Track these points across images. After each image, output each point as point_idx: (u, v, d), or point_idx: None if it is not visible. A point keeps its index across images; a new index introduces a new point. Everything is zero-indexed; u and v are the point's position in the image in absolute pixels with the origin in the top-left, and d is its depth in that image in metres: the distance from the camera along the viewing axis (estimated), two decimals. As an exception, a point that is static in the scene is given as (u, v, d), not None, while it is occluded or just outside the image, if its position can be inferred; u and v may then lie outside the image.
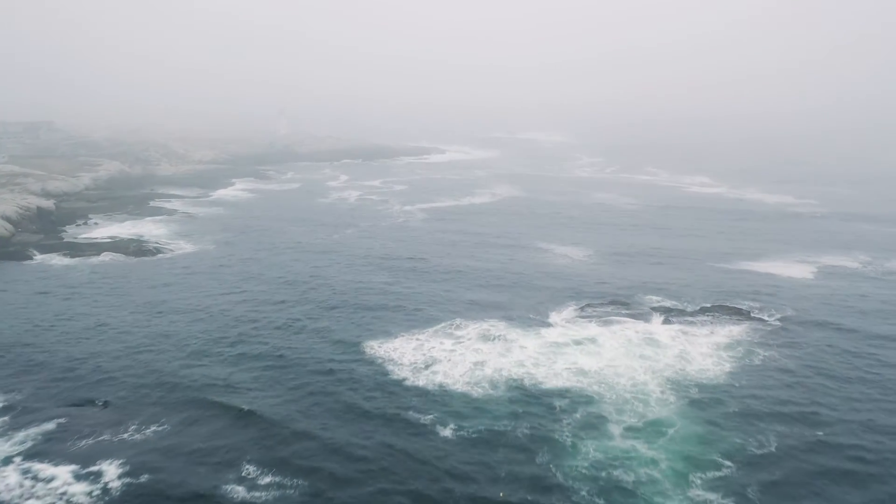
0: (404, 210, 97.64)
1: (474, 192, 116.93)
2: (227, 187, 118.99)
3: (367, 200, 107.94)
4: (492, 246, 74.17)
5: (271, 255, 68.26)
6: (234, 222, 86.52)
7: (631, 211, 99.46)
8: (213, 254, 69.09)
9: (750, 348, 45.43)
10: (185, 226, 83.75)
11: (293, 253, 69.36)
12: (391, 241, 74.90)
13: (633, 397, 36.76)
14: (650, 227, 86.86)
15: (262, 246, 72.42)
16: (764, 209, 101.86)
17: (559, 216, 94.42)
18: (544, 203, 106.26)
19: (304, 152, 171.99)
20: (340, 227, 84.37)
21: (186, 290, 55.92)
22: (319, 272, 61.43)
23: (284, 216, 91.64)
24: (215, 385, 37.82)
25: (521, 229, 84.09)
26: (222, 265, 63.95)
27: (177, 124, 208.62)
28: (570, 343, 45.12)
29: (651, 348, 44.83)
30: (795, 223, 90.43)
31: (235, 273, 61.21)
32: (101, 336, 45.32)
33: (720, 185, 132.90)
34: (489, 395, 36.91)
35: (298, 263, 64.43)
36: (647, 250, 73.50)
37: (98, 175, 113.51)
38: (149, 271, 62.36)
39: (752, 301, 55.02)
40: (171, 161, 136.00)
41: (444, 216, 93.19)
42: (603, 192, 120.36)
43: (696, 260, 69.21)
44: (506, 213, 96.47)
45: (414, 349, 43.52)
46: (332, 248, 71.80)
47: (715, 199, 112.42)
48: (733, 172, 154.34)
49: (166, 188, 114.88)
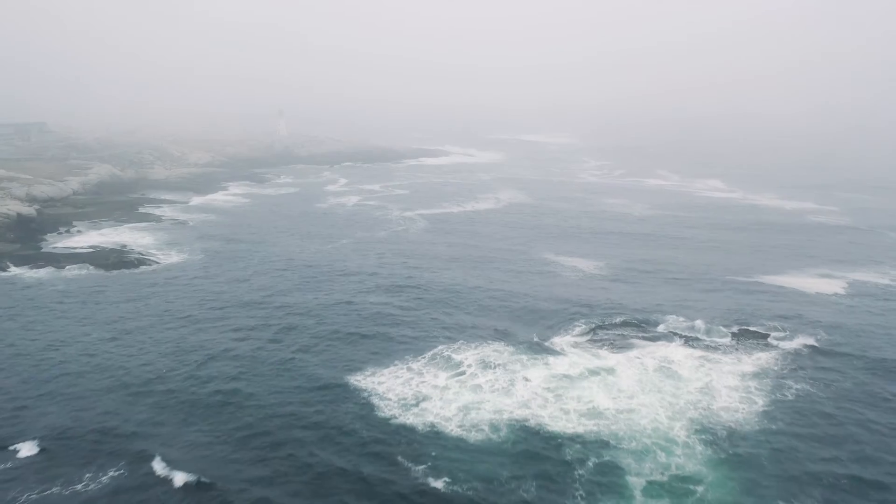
0: (404, 217, 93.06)
1: (477, 198, 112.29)
2: (221, 192, 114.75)
3: (365, 206, 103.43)
4: (495, 258, 69.56)
5: (258, 269, 63.81)
6: (225, 230, 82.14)
7: (642, 218, 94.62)
8: (196, 266, 64.70)
9: (780, 380, 40.73)
10: (173, 234, 79.44)
11: (282, 265, 64.88)
12: (388, 254, 70.32)
13: (655, 444, 32.07)
14: (663, 236, 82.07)
15: (249, 257, 68.01)
16: (783, 217, 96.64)
17: (566, 224, 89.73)
18: (550, 210, 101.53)
19: (304, 155, 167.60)
20: (335, 236, 79.86)
21: (160, 308, 51.52)
22: (307, 289, 56.90)
23: (277, 224, 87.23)
24: (157, 435, 32.84)
25: (526, 239, 79.42)
26: (204, 279, 59.51)
27: (174, 126, 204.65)
28: (581, 374, 40.43)
29: (672, 381, 40.15)
30: (818, 233, 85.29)
31: (216, 289, 56.75)
32: (44, 363, 41.06)
33: (734, 190, 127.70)
34: (488, 442, 32.28)
35: (285, 279, 59.92)
36: (661, 262, 68.78)
37: (87, 179, 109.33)
38: (125, 286, 57.98)
39: (778, 322, 50.22)
40: (165, 164, 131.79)
41: (446, 224, 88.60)
42: (611, 197, 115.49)
43: (713, 273, 64.43)
44: (510, 220, 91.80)
45: (405, 382, 38.90)
46: (323, 260, 67.27)
47: (730, 206, 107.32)
48: (746, 176, 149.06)
49: (158, 193, 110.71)
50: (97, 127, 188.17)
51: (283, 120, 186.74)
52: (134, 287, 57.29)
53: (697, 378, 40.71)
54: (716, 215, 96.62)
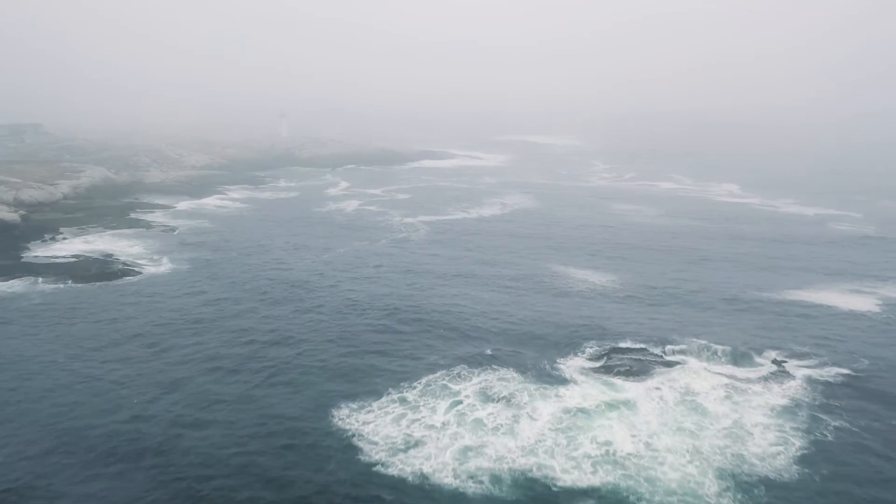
0: (405, 223, 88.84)
1: (483, 203, 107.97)
2: (217, 196, 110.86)
3: (365, 211, 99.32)
4: (500, 271, 65.23)
5: (247, 280, 59.81)
6: (216, 238, 78.19)
7: (655, 227, 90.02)
8: (180, 278, 60.72)
9: (815, 414, 36.44)
10: (162, 242, 75.55)
11: (271, 278, 60.82)
12: (385, 265, 66.13)
13: (682, 501, 27.77)
14: (680, 245, 77.54)
15: (237, 269, 63.98)
16: (804, 225, 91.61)
17: (576, 233, 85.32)
18: (559, 216, 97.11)
19: (305, 157, 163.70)
20: (332, 244, 75.76)
21: (135, 327, 47.56)
22: (296, 306, 52.78)
23: (272, 231, 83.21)
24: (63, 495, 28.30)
25: (533, 249, 75.03)
26: (185, 295, 55.46)
27: (175, 126, 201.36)
28: (594, 409, 36.16)
29: (696, 416, 35.85)
30: (844, 242, 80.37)
31: (197, 306, 52.69)
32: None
33: (751, 194, 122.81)
34: (488, 496, 28.07)
35: (273, 295, 55.80)
36: (679, 276, 64.34)
37: (79, 182, 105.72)
38: (103, 301, 54.05)
39: (809, 347, 45.86)
40: (161, 167, 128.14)
41: (449, 232, 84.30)
42: (623, 202, 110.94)
43: (735, 289, 59.94)
44: (517, 228, 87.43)
45: (395, 419, 34.71)
46: (317, 273, 63.16)
47: (748, 212, 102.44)
48: (763, 179, 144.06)
49: (152, 197, 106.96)
50: (97, 128, 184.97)
51: (284, 121, 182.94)
52: (110, 304, 53.29)
53: (724, 413, 36.42)
54: (734, 224, 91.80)
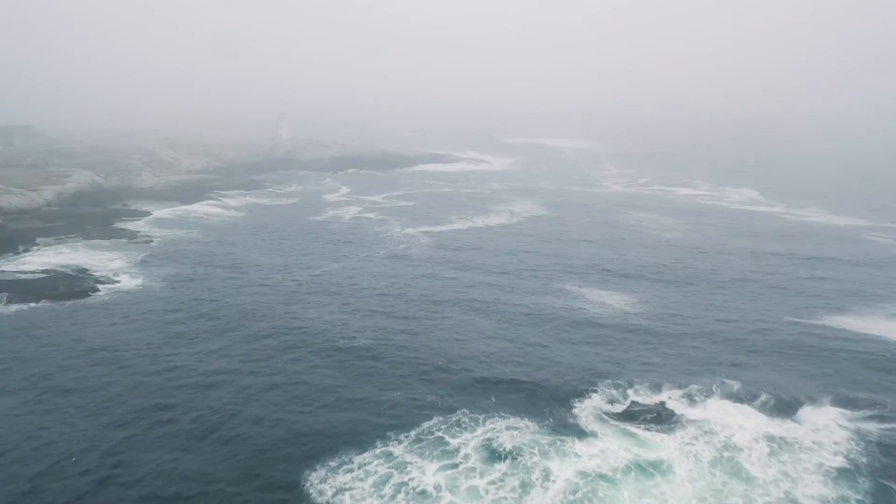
0: (405, 234, 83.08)
1: (489, 211, 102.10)
2: (210, 202, 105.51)
3: (364, 220, 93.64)
4: (509, 292, 59.28)
5: (224, 304, 54.20)
6: (202, 249, 72.77)
7: (675, 239, 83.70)
8: (157, 296, 55.23)
9: (879, 481, 30.60)
10: (144, 253, 70.18)
11: (252, 297, 55.25)
12: (380, 287, 60.11)
13: None
14: (703, 263, 71.26)
15: (219, 288, 58.44)
16: (838, 239, 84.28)
17: (589, 246, 79.30)
18: (571, 227, 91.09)
19: (307, 160, 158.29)
20: (325, 258, 70.12)
21: (96, 355, 42.09)
22: (276, 333, 47.10)
23: (263, 241, 77.67)
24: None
25: (544, 264, 69.06)
26: (155, 318, 49.88)
27: (173, 127, 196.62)
28: (620, 472, 30.40)
29: (739, 483, 30.10)
30: (886, 259, 73.39)
31: (170, 330, 47.20)
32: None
33: (774, 201, 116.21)
34: None
35: (252, 319, 50.13)
36: (705, 298, 58.27)
37: (64, 188, 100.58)
38: (66, 323, 48.66)
39: (860, 386, 39.99)
40: (154, 170, 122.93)
41: (452, 243, 78.43)
42: (639, 210, 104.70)
43: (770, 315, 53.89)
44: (526, 240, 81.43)
45: (377, 483, 29.12)
46: (305, 292, 57.52)
47: (774, 223, 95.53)
48: (783, 183, 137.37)
49: (141, 203, 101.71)
50: (92, 128, 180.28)
51: (285, 122, 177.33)
52: (74, 328, 47.88)
53: (773, 479, 30.65)
54: (762, 238, 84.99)
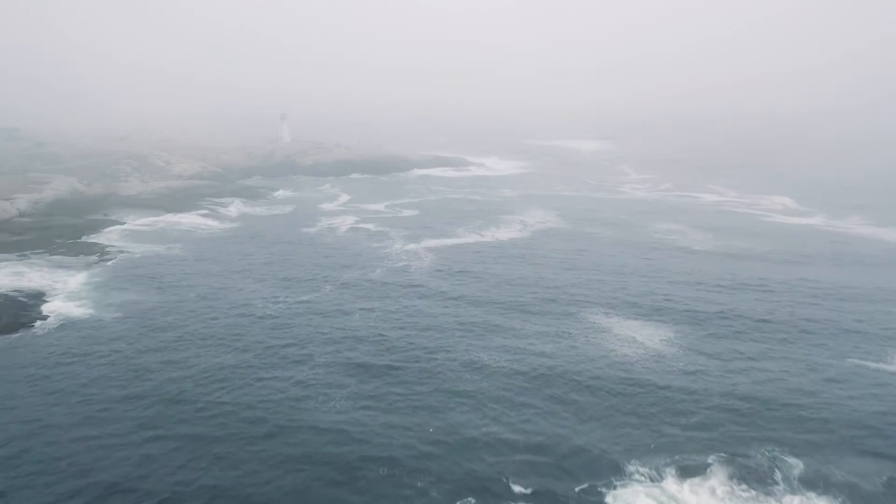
0: (406, 250, 74.49)
1: (500, 222, 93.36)
2: (198, 211, 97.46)
3: (361, 232, 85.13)
4: (522, 331, 50.48)
5: (192, 337, 46.02)
6: (178, 270, 64.64)
7: (709, 256, 74.36)
8: (102, 332, 46.97)
9: None
10: (109, 274, 62.31)
11: (220, 331, 46.94)
12: (375, 314, 51.75)
13: None
14: (743, 284, 62.25)
15: (189, 316, 50.24)
16: (888, 259, 75.08)
17: (613, 263, 70.47)
18: (590, 240, 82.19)
19: (308, 164, 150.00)
20: (314, 280, 61.72)
21: (14, 404, 33.91)
22: (235, 383, 38.73)
23: (245, 261, 69.22)
24: None
25: (562, 289, 60.14)
26: (96, 360, 41.66)
27: (172, 129, 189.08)
28: None
29: None
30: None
31: (101, 381, 38.93)
32: None
33: (811, 211, 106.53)
34: None
35: (214, 368, 41.80)
36: (757, 345, 49.15)
37: (41, 196, 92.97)
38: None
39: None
40: (143, 176, 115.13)
41: (458, 262, 69.65)
42: (664, 220, 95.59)
43: (823, 349, 45.13)
44: (540, 257, 72.58)
45: None
46: (282, 327, 49.06)
47: (816, 238, 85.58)
48: (817, 189, 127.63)
49: (123, 212, 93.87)
50: (86, 132, 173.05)
51: (285, 124, 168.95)
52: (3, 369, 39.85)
53: None
54: (802, 253, 75.90)
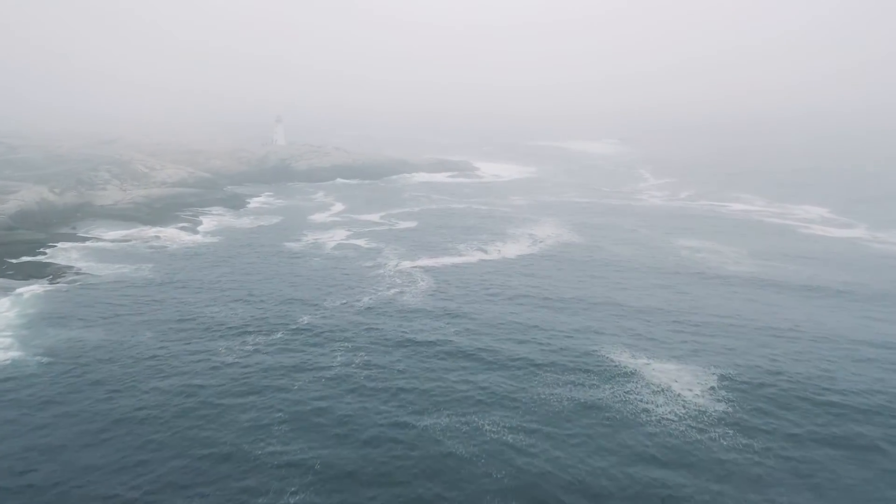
0: (398, 271, 65.62)
1: (506, 235, 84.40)
2: (178, 224, 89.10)
3: (350, 249, 76.32)
4: (537, 362, 41.72)
5: (127, 387, 37.51)
6: (138, 299, 56.11)
7: (746, 281, 64.25)
8: (22, 381, 38.54)
9: None
10: (54, 303, 53.94)
11: (167, 389, 38.30)
12: (350, 371, 42.60)
13: None
14: (783, 317, 53.04)
15: (129, 368, 41.62)
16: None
17: (634, 285, 61.45)
18: (608, 259, 72.96)
19: (303, 169, 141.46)
20: (289, 314, 52.84)
21: None
22: (175, 473, 30.04)
23: (215, 286, 60.54)
24: None
25: (580, 321, 51.06)
26: (5, 423, 33.20)
27: (166, 133, 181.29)
28: None
29: None
30: None
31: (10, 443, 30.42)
32: None
33: (849, 221, 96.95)
34: None
35: (155, 437, 33.15)
36: (802, 377, 40.23)
37: (4, 207, 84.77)
38: None
39: None
40: (122, 183, 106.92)
41: (458, 289, 60.13)
42: (688, 235, 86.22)
43: None
44: (553, 280, 63.58)
45: None
46: (241, 383, 40.32)
47: (857, 253, 76.66)
48: (852, 196, 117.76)
49: (94, 225, 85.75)
50: (75, 135, 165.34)
51: (280, 127, 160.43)
52: None
53: None
54: (852, 276, 66.48)
